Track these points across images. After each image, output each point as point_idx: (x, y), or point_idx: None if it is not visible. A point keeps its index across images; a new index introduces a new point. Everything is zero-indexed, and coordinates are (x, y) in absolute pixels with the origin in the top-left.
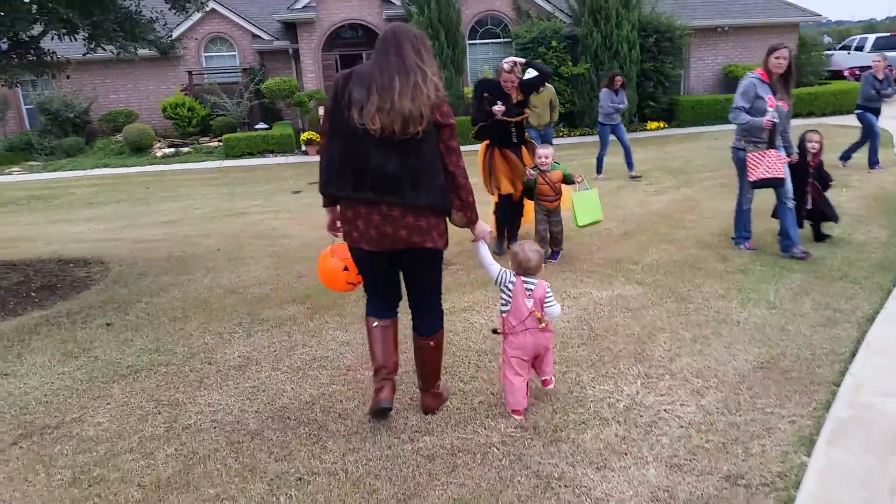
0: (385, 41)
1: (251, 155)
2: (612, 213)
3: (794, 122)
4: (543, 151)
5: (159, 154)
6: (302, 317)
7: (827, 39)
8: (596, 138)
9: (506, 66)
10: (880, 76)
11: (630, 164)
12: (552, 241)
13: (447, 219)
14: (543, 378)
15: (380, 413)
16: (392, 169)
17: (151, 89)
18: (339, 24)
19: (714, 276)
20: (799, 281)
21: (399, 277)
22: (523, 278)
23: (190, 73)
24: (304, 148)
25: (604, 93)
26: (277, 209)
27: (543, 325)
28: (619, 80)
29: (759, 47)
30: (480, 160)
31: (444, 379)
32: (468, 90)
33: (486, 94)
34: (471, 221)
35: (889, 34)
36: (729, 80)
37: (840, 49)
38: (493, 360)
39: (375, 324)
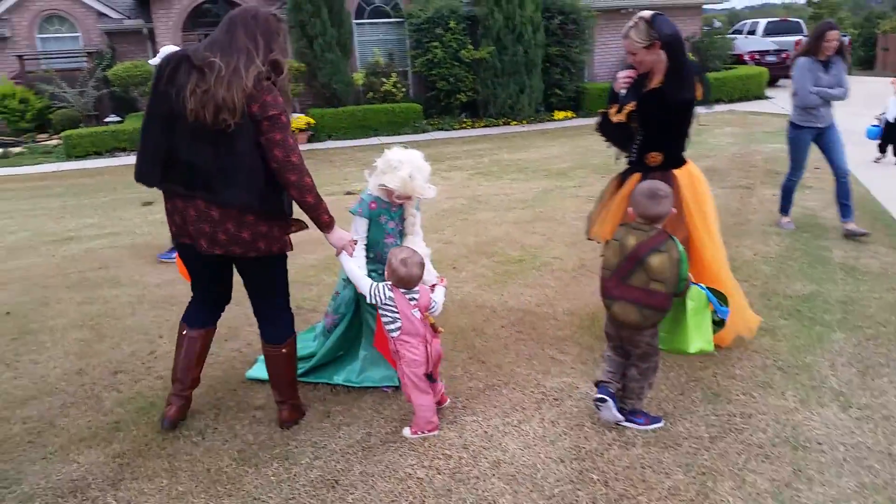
0: (224, 20)
1: (98, 154)
2: (550, 230)
3: (705, 109)
4: None
5: None
6: (99, 479)
7: (717, 24)
8: (507, 130)
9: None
10: None
11: (846, 209)
12: None
13: (287, 221)
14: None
15: (164, 427)
16: (203, 162)
17: None
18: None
19: (734, 340)
20: (848, 346)
21: (226, 280)
22: (403, 290)
23: (20, 57)
24: None
25: (800, 65)
26: (117, 230)
27: (439, 328)
28: (833, 38)
29: None
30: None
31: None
32: (358, 76)
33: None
34: (322, 225)
35: (779, 19)
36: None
37: (733, 33)
38: None
39: (185, 332)
